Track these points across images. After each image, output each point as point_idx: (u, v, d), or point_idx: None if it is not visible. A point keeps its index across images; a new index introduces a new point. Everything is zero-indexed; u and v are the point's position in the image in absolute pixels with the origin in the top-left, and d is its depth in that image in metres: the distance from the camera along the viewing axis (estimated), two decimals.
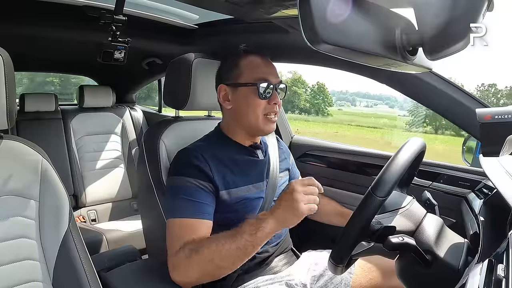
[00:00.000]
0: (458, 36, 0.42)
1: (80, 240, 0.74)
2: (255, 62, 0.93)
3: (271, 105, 0.91)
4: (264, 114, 0.91)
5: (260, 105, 0.90)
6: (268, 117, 0.92)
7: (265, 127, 0.92)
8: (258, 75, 0.90)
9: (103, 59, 1.34)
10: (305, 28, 0.37)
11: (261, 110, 0.91)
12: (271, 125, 0.93)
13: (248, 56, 0.93)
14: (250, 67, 0.92)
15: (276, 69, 0.96)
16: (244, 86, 0.91)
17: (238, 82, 0.92)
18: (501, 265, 0.43)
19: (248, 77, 0.91)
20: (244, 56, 0.93)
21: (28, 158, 0.70)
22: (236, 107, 0.94)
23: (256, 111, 0.91)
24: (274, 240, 0.99)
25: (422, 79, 0.96)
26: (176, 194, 0.86)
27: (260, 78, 0.90)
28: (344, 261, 0.65)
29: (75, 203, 1.91)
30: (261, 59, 0.93)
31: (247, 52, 0.94)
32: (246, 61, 0.93)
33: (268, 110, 0.91)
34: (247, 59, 0.93)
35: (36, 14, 1.21)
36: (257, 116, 0.91)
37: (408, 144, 0.66)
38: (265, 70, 0.92)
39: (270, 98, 0.91)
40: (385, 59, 0.46)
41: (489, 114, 0.61)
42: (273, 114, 0.92)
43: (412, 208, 0.69)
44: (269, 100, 0.91)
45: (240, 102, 0.92)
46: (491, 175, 0.71)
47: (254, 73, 0.91)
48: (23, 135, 0.71)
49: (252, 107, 0.91)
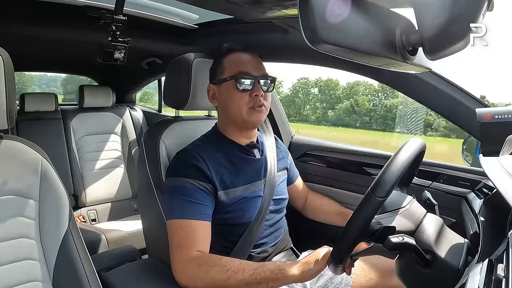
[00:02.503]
0: (458, 36, 0.42)
1: (80, 240, 0.74)
2: (236, 58, 0.94)
3: (253, 98, 0.91)
4: (247, 106, 0.91)
5: (241, 98, 0.91)
6: (252, 107, 0.91)
7: (250, 117, 0.92)
8: (238, 69, 0.92)
9: (103, 59, 1.33)
10: (305, 28, 0.37)
11: (244, 102, 0.91)
12: (257, 115, 0.92)
13: (231, 53, 0.95)
14: (231, 62, 0.93)
15: (262, 63, 0.97)
16: (225, 81, 0.92)
17: (221, 79, 0.93)
18: (501, 265, 0.43)
19: (229, 72, 0.92)
20: (227, 54, 0.95)
21: (28, 158, 0.70)
22: (221, 103, 0.95)
23: (238, 104, 0.91)
24: (273, 240, 0.99)
25: (422, 79, 0.96)
26: (176, 195, 0.86)
27: (239, 71, 0.91)
28: (344, 261, 0.65)
29: (75, 203, 1.91)
30: (244, 54, 0.94)
31: (230, 49, 0.96)
32: (228, 58, 0.95)
33: (251, 103, 0.91)
34: (230, 56, 0.95)
35: (36, 14, 1.21)
36: (239, 109, 0.91)
37: (408, 144, 0.66)
38: (246, 64, 0.93)
39: (252, 90, 0.91)
40: (385, 59, 0.46)
41: (489, 114, 0.61)
42: (257, 106, 0.92)
43: (412, 208, 0.69)
44: (250, 93, 0.91)
45: (224, 98, 0.94)
46: (491, 175, 0.71)
47: (234, 67, 0.92)
48: (23, 135, 0.71)
49: (234, 101, 0.91)
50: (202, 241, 0.84)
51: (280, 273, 0.77)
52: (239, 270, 0.78)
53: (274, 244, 0.99)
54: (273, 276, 0.76)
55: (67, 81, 7.02)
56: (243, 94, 0.91)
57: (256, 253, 0.95)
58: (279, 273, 0.76)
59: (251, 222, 0.93)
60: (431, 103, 1.00)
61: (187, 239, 0.83)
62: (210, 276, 0.78)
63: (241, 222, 0.92)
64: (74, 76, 3.15)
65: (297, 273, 0.76)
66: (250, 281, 0.77)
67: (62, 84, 7.10)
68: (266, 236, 0.97)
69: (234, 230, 0.93)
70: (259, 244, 0.96)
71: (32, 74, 6.86)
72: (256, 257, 0.94)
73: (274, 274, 0.76)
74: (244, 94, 0.91)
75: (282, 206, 1.04)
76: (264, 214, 0.95)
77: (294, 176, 1.18)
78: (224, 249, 0.92)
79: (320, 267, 0.75)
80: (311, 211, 1.20)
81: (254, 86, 0.91)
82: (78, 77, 2.70)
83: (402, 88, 1.05)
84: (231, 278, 0.77)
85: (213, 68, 0.98)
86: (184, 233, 0.83)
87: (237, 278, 0.77)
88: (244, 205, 0.92)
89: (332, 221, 1.14)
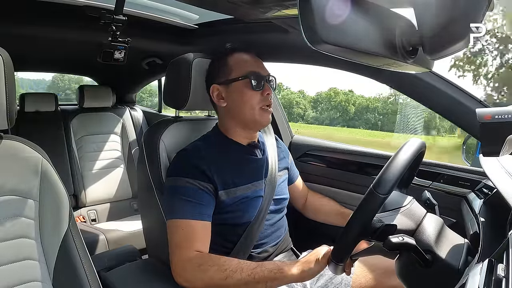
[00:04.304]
0: (458, 36, 0.42)
1: (80, 240, 0.74)
2: (243, 58, 0.95)
3: (265, 96, 0.93)
4: (259, 106, 0.93)
5: (254, 96, 0.92)
6: (263, 108, 0.93)
7: (261, 118, 0.94)
8: (248, 68, 0.93)
9: (103, 59, 1.33)
10: (305, 28, 0.37)
11: (256, 102, 0.92)
12: (267, 116, 0.95)
13: (235, 53, 0.96)
14: (239, 62, 0.94)
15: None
16: (237, 81, 0.93)
17: (230, 79, 0.94)
18: (501, 265, 0.43)
19: (239, 72, 0.93)
20: (231, 54, 0.96)
21: (28, 158, 0.70)
22: (231, 103, 0.95)
23: (251, 103, 0.92)
24: (274, 240, 0.99)
25: (422, 79, 0.96)
26: (176, 195, 0.86)
27: (251, 71, 0.92)
28: (344, 260, 0.65)
29: (75, 203, 1.91)
30: (248, 55, 0.96)
31: (233, 50, 0.96)
32: (234, 58, 0.95)
33: (262, 102, 0.93)
34: (235, 56, 0.95)
35: (36, 14, 1.21)
36: (252, 108, 0.93)
37: (408, 144, 0.66)
38: (254, 64, 0.95)
39: (263, 89, 0.93)
40: (385, 59, 0.46)
41: (489, 114, 0.60)
42: (267, 105, 0.94)
43: (413, 207, 0.69)
44: (262, 92, 0.93)
45: (234, 97, 0.94)
46: (491, 175, 0.71)
47: (244, 67, 0.93)
48: (23, 135, 0.71)
49: (247, 100, 0.92)
50: (201, 241, 0.84)
51: (279, 272, 0.76)
52: (238, 270, 0.77)
53: (274, 244, 0.99)
54: (272, 276, 0.76)
55: (50, 87, 7.11)
56: (256, 93, 0.92)
57: (256, 253, 0.95)
58: (278, 273, 0.76)
59: (251, 222, 0.93)
60: (431, 103, 1.00)
61: (187, 239, 0.83)
62: (208, 275, 0.78)
63: (241, 222, 0.92)
64: (59, 83, 3.17)
65: (297, 272, 0.76)
66: (248, 280, 0.76)
67: (47, 90, 7.24)
68: (266, 236, 0.97)
69: (234, 230, 0.92)
70: (259, 244, 0.95)
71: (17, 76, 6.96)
72: (256, 257, 0.94)
73: (273, 274, 0.76)
74: (257, 93, 0.92)
75: (282, 206, 1.04)
76: (265, 214, 0.95)
77: (294, 176, 1.18)
78: (224, 249, 0.92)
79: (320, 267, 0.75)
80: (311, 211, 1.20)
81: (264, 85, 0.93)
82: (62, 83, 2.72)
83: (402, 88, 1.05)
84: (229, 277, 0.77)
85: (216, 68, 0.97)
86: (183, 233, 0.83)
87: (235, 277, 0.77)
88: (244, 205, 0.92)
89: (332, 221, 1.14)
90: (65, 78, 8.32)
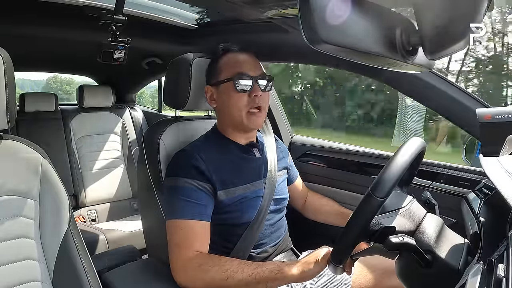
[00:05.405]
0: (458, 36, 0.41)
1: (80, 240, 0.74)
2: (233, 59, 0.94)
3: (252, 98, 0.91)
4: (247, 109, 0.91)
5: (241, 99, 0.90)
6: (251, 110, 0.91)
7: (249, 122, 0.92)
8: (235, 69, 0.91)
9: (103, 59, 1.33)
10: (305, 28, 0.37)
11: (243, 104, 0.91)
12: (255, 120, 0.92)
13: (227, 54, 0.95)
14: (228, 63, 0.93)
15: (259, 62, 0.96)
16: (223, 83, 0.92)
17: (219, 80, 0.93)
18: (501, 265, 0.43)
19: (227, 73, 0.92)
20: (223, 55, 0.95)
21: (28, 158, 0.70)
22: (220, 105, 0.95)
23: (238, 106, 0.91)
24: (273, 240, 0.99)
25: (422, 79, 0.96)
26: (175, 195, 0.86)
27: (237, 72, 0.90)
28: (344, 261, 0.65)
29: (75, 203, 1.91)
30: (241, 56, 0.94)
31: (226, 50, 0.95)
32: (224, 59, 0.94)
33: (250, 104, 0.91)
34: (226, 57, 0.95)
35: (36, 14, 1.21)
36: (239, 111, 0.91)
37: (408, 144, 0.66)
38: (243, 64, 0.92)
39: (250, 91, 0.91)
40: (385, 59, 0.46)
41: (489, 114, 0.60)
42: (255, 108, 0.91)
43: (412, 208, 0.69)
44: (249, 93, 0.91)
45: (222, 99, 0.94)
46: (491, 175, 0.71)
47: (231, 68, 0.92)
48: (23, 135, 0.71)
49: (234, 102, 0.91)
50: (201, 241, 0.84)
51: (279, 272, 0.76)
52: (238, 270, 0.78)
53: (274, 244, 0.99)
54: (272, 276, 0.76)
55: (44, 88, 7.14)
56: (242, 95, 0.91)
57: (256, 253, 0.95)
58: (278, 273, 0.76)
59: (251, 222, 0.93)
60: (431, 103, 1.00)
61: (186, 239, 0.83)
62: (209, 276, 0.78)
63: (241, 222, 0.92)
64: (52, 84, 3.19)
65: (297, 273, 0.76)
66: (249, 281, 0.77)
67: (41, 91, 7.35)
68: (266, 236, 0.97)
69: (234, 230, 0.92)
70: (259, 244, 0.95)
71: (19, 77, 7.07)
72: (256, 257, 0.94)
73: (273, 274, 0.76)
74: (243, 95, 0.91)
75: (282, 206, 1.04)
76: (264, 214, 0.95)
77: (293, 176, 1.18)
78: (224, 249, 0.92)
79: (320, 268, 0.75)
80: (311, 211, 1.20)
81: (253, 87, 0.91)
82: (55, 84, 2.73)
83: (402, 88, 1.05)
84: (230, 278, 0.77)
85: (209, 70, 0.98)
86: (183, 233, 0.83)
87: (236, 278, 0.77)
88: (244, 205, 0.92)
89: (332, 221, 1.14)
90: (57, 80, 8.40)
